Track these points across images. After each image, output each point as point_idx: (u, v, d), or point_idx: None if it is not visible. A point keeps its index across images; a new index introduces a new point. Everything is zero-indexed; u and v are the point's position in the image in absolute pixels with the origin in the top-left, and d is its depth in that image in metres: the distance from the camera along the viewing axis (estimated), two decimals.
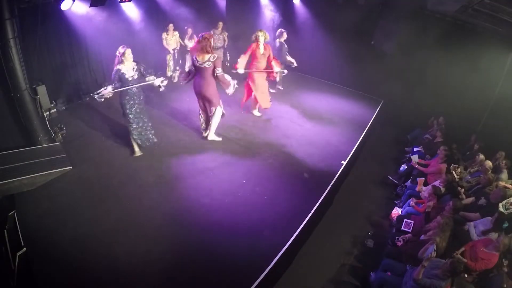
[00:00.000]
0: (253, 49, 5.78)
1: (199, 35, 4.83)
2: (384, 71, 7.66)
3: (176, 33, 7.32)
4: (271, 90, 7.18)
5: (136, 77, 4.56)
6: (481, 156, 5.20)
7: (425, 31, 6.64)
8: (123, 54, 4.38)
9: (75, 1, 5.11)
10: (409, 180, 5.46)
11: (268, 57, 5.92)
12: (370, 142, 6.66)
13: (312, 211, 4.20)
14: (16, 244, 3.27)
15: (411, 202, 4.70)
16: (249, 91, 6.20)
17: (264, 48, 5.81)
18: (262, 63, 5.91)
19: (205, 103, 5.18)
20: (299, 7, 8.41)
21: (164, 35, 7.23)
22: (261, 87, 6.08)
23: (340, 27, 7.83)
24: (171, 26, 7.17)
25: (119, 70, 4.42)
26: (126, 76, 4.46)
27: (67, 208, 3.95)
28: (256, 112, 6.48)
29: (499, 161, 5.08)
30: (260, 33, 5.68)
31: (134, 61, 4.53)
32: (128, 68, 4.46)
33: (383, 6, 7.18)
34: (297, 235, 3.84)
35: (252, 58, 5.89)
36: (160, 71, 8.09)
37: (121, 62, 4.41)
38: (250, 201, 4.37)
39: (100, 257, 3.42)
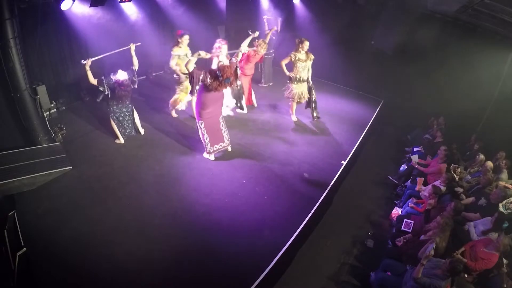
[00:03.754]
0: (249, 55, 6.03)
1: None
2: (384, 71, 7.68)
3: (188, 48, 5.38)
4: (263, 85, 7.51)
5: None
6: (481, 156, 5.20)
7: (425, 31, 6.64)
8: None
9: (75, 1, 5.11)
10: (409, 180, 5.46)
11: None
12: (370, 142, 6.67)
13: (312, 211, 4.21)
14: (16, 244, 3.27)
15: (410, 203, 4.71)
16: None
17: (258, 56, 6.14)
18: (251, 67, 6.27)
19: (218, 112, 4.88)
20: (299, 7, 8.42)
21: (176, 50, 5.15)
22: (244, 88, 6.37)
23: (340, 27, 7.83)
24: (186, 37, 5.22)
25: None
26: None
27: (67, 208, 3.95)
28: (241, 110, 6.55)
29: (499, 161, 5.08)
30: (263, 44, 5.90)
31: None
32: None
33: (383, 6, 7.18)
34: (297, 235, 3.85)
35: (245, 61, 6.13)
36: (160, 70, 8.14)
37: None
38: (250, 201, 4.37)
39: (100, 257, 3.42)
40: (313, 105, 6.31)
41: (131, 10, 6.68)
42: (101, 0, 5.36)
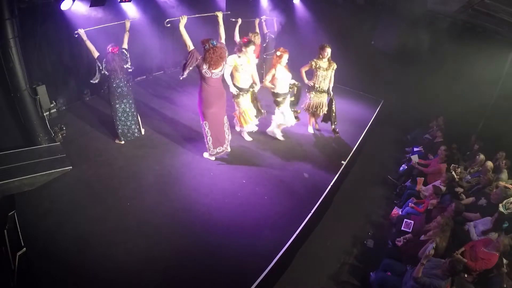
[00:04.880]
0: None
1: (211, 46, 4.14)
2: (384, 71, 7.68)
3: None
4: None
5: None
6: (481, 156, 5.20)
7: (425, 31, 6.64)
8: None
9: (75, 1, 5.11)
10: (409, 180, 5.46)
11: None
12: (370, 142, 6.66)
13: (312, 211, 4.20)
14: (16, 244, 3.27)
15: (410, 203, 4.71)
16: None
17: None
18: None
19: (222, 111, 4.72)
20: (299, 7, 8.42)
21: (233, 59, 4.76)
22: None
23: (340, 27, 7.84)
24: (252, 48, 4.82)
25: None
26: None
27: (67, 208, 3.95)
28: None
29: (499, 161, 5.08)
30: (256, 35, 5.78)
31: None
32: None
33: (383, 6, 7.19)
34: (297, 235, 3.84)
35: None
36: (160, 71, 8.15)
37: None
38: (250, 201, 4.36)
39: (100, 257, 3.42)
40: (333, 119, 5.81)
41: (131, 10, 6.68)
42: (101, 0, 5.37)
